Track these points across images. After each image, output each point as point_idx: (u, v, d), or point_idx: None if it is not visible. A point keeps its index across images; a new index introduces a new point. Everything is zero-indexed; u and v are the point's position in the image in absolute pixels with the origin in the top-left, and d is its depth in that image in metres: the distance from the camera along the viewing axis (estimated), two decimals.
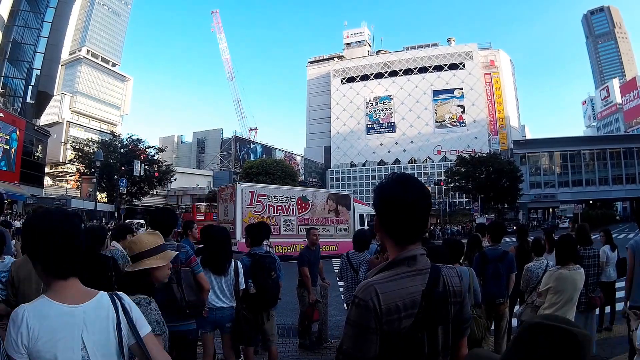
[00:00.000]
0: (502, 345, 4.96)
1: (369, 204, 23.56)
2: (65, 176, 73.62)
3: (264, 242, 5.13)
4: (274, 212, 17.67)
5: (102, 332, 1.50)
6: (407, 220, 1.40)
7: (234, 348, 4.36)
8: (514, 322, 5.84)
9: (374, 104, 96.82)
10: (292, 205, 18.24)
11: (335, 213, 19.55)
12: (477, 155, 56.44)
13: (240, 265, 4.29)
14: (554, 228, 48.71)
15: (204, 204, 38.91)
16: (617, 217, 62.35)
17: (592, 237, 5.75)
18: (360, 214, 21.83)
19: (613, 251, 6.70)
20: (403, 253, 1.40)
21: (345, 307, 6.02)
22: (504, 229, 5.41)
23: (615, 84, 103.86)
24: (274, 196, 18.03)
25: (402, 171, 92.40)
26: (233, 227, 16.24)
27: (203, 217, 31.24)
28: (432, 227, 29.13)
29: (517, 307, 5.60)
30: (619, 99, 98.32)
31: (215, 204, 26.01)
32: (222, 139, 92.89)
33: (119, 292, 1.64)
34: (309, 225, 14.76)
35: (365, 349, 1.30)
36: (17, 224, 18.08)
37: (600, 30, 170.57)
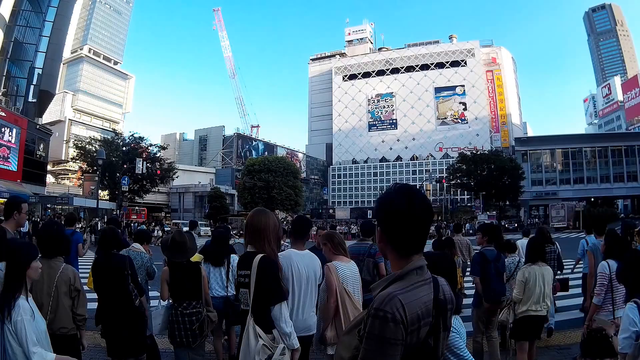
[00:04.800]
0: (493, 336, 5.16)
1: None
2: (68, 174, 73.86)
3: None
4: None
5: None
6: (410, 232, 1.40)
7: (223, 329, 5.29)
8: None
9: (375, 101, 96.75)
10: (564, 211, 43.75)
11: None
12: (478, 153, 56.33)
13: (233, 258, 5.16)
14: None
15: (137, 207, 47.68)
16: (622, 215, 62.07)
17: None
18: None
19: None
20: (412, 263, 1.40)
21: None
22: (498, 231, 5.88)
23: (617, 81, 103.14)
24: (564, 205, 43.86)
25: (404, 168, 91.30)
26: (565, 222, 39.38)
27: (136, 216, 41.91)
28: (435, 224, 29.07)
29: None
30: (620, 97, 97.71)
31: (143, 208, 46.40)
32: (224, 136, 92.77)
33: None
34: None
35: None
36: None
37: (602, 28, 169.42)
